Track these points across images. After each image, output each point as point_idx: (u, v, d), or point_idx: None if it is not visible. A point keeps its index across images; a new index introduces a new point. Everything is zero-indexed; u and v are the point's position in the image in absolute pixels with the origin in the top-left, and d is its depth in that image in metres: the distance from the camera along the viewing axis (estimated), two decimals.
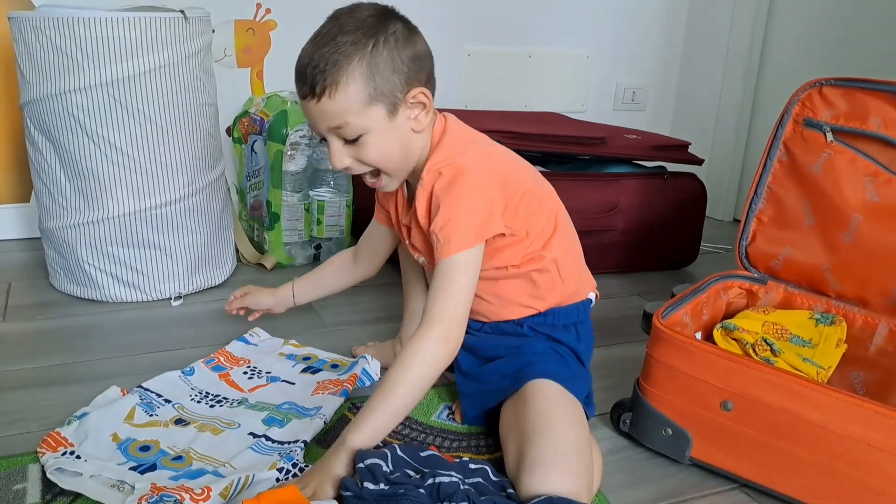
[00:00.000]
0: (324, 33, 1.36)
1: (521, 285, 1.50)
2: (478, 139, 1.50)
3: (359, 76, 1.31)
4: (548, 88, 3.24)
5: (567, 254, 1.53)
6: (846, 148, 1.58)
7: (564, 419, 1.29)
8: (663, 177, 2.47)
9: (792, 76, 2.90)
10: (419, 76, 1.37)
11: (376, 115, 1.34)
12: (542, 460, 1.19)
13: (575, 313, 1.54)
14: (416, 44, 1.38)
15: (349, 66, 1.31)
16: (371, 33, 1.33)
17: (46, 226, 2.08)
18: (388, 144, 1.38)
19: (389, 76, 1.33)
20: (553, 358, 1.45)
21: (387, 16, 1.37)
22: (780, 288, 1.69)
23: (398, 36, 1.34)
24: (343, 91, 1.31)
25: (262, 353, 1.77)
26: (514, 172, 1.47)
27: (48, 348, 1.79)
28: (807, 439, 1.24)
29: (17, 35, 1.93)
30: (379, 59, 1.32)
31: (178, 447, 1.36)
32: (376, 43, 1.32)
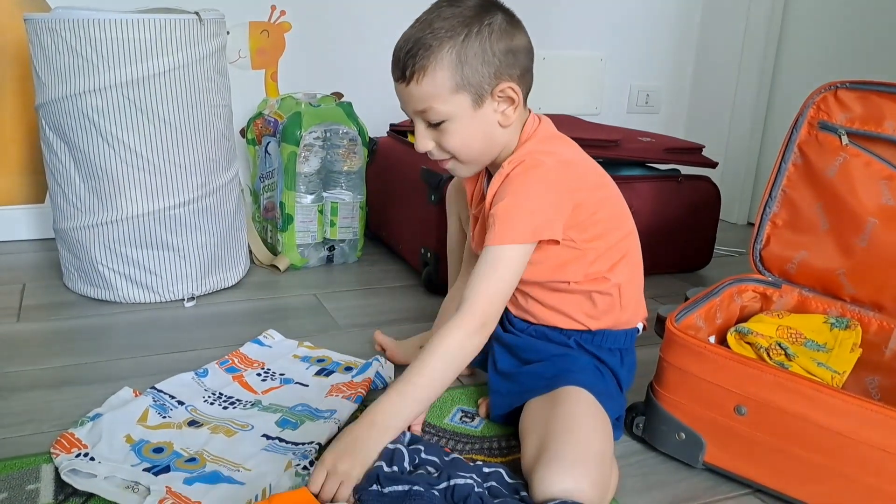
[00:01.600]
0: (423, 19, 1.36)
1: (579, 301, 1.48)
2: (566, 143, 1.49)
3: (447, 63, 1.32)
4: (562, 91, 3.23)
5: (632, 281, 1.52)
6: (861, 151, 1.57)
7: (592, 426, 1.29)
8: (677, 180, 2.47)
9: (807, 79, 2.89)
10: (511, 70, 1.36)
11: (461, 103, 1.34)
12: (563, 458, 1.19)
13: (623, 339, 1.52)
14: (515, 37, 1.37)
15: (440, 52, 1.31)
16: (467, 22, 1.32)
17: (60, 226, 2.09)
18: (470, 134, 1.38)
19: (479, 67, 1.33)
20: (592, 372, 1.45)
21: (489, 7, 1.36)
22: (795, 292, 1.68)
23: (495, 27, 1.34)
24: (430, 76, 1.32)
25: (277, 354, 1.77)
26: (594, 189, 1.46)
27: (61, 349, 1.80)
28: (821, 444, 1.23)
29: (33, 36, 1.94)
30: (470, 48, 1.32)
31: (191, 449, 1.36)
32: (469, 32, 1.32)
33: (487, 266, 1.33)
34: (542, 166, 1.37)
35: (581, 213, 1.40)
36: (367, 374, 1.65)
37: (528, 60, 1.41)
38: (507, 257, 1.33)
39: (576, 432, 1.25)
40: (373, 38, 2.82)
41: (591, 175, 1.48)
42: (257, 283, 2.27)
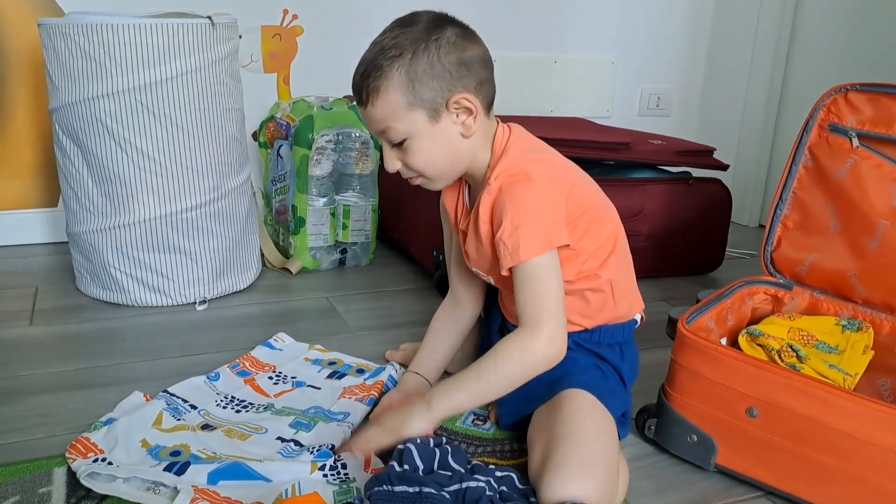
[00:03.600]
0: (376, 41, 1.39)
1: (572, 302, 1.46)
2: (543, 149, 1.50)
3: (398, 83, 1.33)
4: (573, 94, 3.24)
5: (623, 274, 1.51)
6: (872, 153, 1.57)
7: (594, 429, 1.29)
8: (688, 182, 2.47)
9: (817, 81, 2.88)
10: (465, 81, 1.37)
11: (418, 120, 1.36)
12: (566, 465, 1.19)
13: (621, 333, 1.52)
14: (467, 49, 1.38)
15: (390, 72, 1.33)
16: (416, 40, 1.34)
17: (73, 230, 2.10)
18: (433, 149, 1.39)
19: (429, 82, 1.34)
20: (593, 372, 1.45)
21: (440, 22, 1.39)
22: (806, 294, 1.68)
23: (443, 42, 1.35)
24: (384, 97, 1.34)
25: (288, 358, 1.77)
26: (579, 186, 1.46)
27: (74, 352, 1.81)
28: (833, 447, 1.23)
29: (47, 41, 1.95)
30: (418, 65, 1.33)
31: (208, 451, 1.37)
32: (417, 50, 1.33)
33: (527, 280, 1.33)
34: (532, 178, 1.37)
35: (571, 214, 1.40)
36: (379, 377, 1.65)
37: (485, 70, 1.43)
38: (538, 266, 1.33)
39: (578, 437, 1.25)
40: None
41: (572, 174, 1.48)
42: (269, 287, 2.27)
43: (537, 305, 1.32)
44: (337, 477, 1.31)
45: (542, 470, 1.21)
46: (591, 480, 1.17)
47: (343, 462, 1.34)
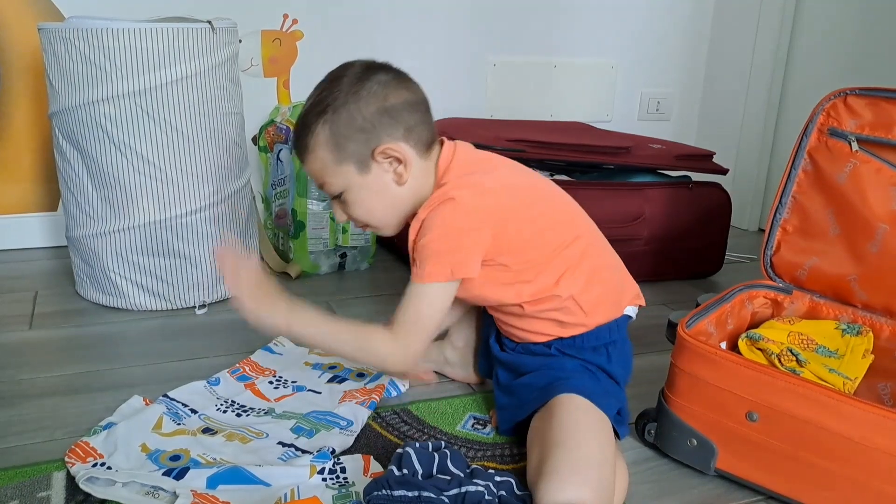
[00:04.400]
0: (308, 97, 1.43)
1: (542, 323, 1.48)
2: (487, 169, 1.48)
3: (323, 139, 1.38)
4: (573, 98, 3.24)
5: (590, 286, 1.47)
6: (871, 157, 1.57)
7: (587, 432, 1.29)
8: (688, 186, 2.47)
9: (816, 86, 2.88)
10: (391, 130, 1.38)
11: (348, 173, 1.40)
12: (559, 471, 1.20)
13: (607, 334, 1.50)
14: (390, 97, 1.38)
15: (315, 129, 1.38)
16: (338, 94, 1.37)
17: (73, 234, 2.10)
18: (369, 200, 1.43)
19: (352, 135, 1.37)
20: (583, 374, 1.44)
21: (366, 73, 1.40)
22: (806, 298, 1.68)
23: (364, 93, 1.37)
24: (313, 154, 1.40)
25: (288, 362, 1.77)
26: (523, 208, 1.44)
27: (73, 356, 1.81)
28: (833, 451, 1.23)
29: (47, 46, 1.95)
30: (340, 120, 1.36)
31: (208, 455, 1.37)
32: (338, 105, 1.36)
33: (414, 300, 1.39)
34: (454, 203, 1.37)
35: (505, 238, 1.39)
36: (380, 381, 1.65)
37: (414, 114, 1.41)
38: (430, 294, 1.38)
39: (571, 442, 1.25)
40: (384, 45, 2.83)
41: (521, 193, 1.47)
42: None
43: (414, 320, 1.38)
44: (336, 481, 1.31)
45: (537, 476, 1.22)
46: (585, 485, 1.18)
47: (342, 466, 1.34)
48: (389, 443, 1.46)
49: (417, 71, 2.88)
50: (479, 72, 3.04)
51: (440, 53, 2.94)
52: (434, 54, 2.93)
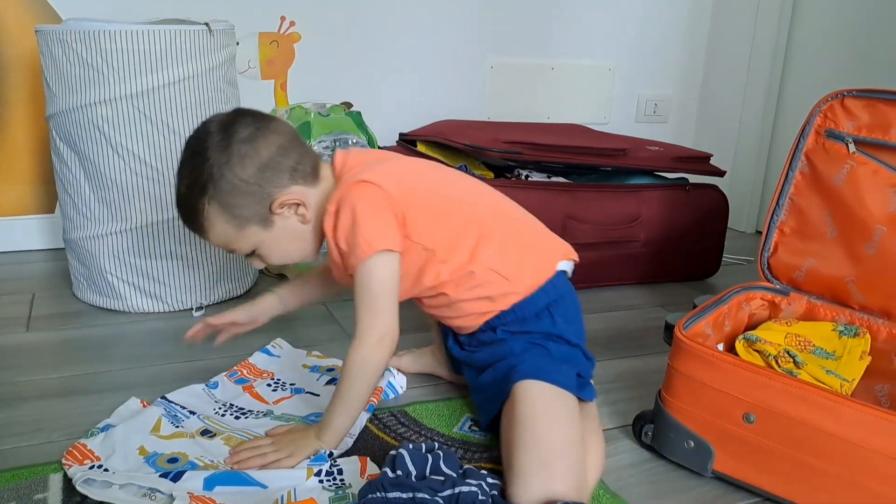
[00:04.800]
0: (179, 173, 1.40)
1: (476, 304, 1.47)
2: (382, 158, 1.51)
3: (217, 216, 1.37)
4: (570, 100, 3.24)
5: (504, 253, 1.46)
6: (868, 159, 1.57)
7: (546, 421, 1.29)
8: (685, 188, 2.47)
9: (814, 87, 2.89)
10: (276, 181, 1.38)
11: (253, 233, 1.39)
12: (524, 471, 1.22)
13: (544, 297, 1.47)
14: (261, 150, 1.36)
15: (204, 209, 1.36)
16: (211, 167, 1.34)
17: (70, 236, 2.10)
18: (282, 245, 1.43)
19: (243, 201, 1.36)
20: (531, 353, 1.43)
21: (227, 135, 1.36)
22: (803, 299, 1.68)
23: (235, 158, 1.34)
24: (212, 230, 1.39)
25: (286, 364, 1.77)
26: (415, 192, 1.44)
27: (70, 358, 1.80)
28: (830, 452, 1.23)
29: (44, 48, 1.95)
30: (224, 192, 1.35)
31: (206, 458, 1.37)
32: (215, 179, 1.34)
33: (362, 291, 1.37)
34: (362, 184, 1.37)
35: (412, 214, 1.40)
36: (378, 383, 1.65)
37: (291, 154, 1.40)
38: (373, 270, 1.36)
39: (530, 440, 1.26)
40: (382, 47, 2.83)
41: (408, 178, 1.47)
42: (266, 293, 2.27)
43: (367, 314, 1.37)
44: (333, 483, 1.31)
45: (508, 477, 1.24)
46: (551, 479, 1.20)
47: (339, 468, 1.34)
48: (386, 444, 1.46)
49: (415, 73, 2.89)
50: (477, 74, 3.04)
51: (437, 55, 2.95)
52: (431, 56, 2.93)
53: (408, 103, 2.92)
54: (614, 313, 2.22)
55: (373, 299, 1.36)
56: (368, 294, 1.36)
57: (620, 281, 2.45)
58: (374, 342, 1.36)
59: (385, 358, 1.38)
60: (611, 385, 1.75)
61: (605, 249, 2.36)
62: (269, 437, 1.42)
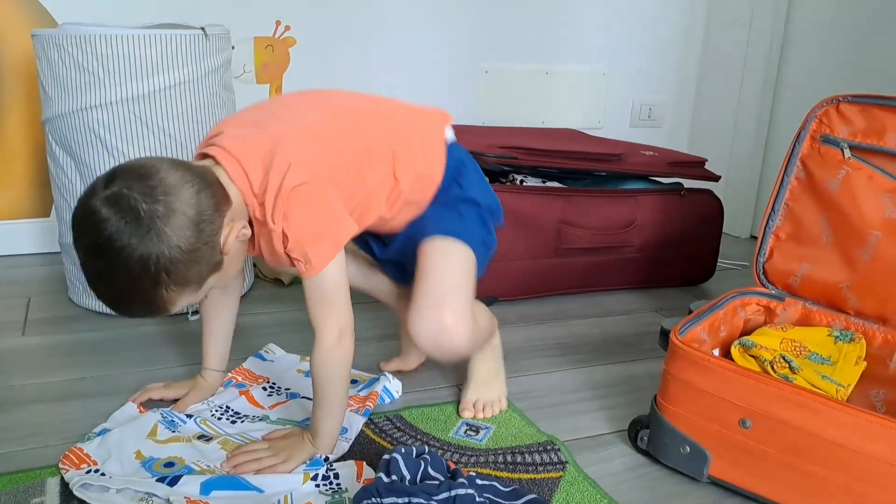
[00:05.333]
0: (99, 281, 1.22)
1: (408, 211, 1.52)
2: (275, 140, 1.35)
3: (177, 295, 1.24)
4: (565, 105, 3.25)
5: (413, 157, 1.49)
6: (864, 164, 1.58)
7: (443, 266, 1.43)
8: (680, 193, 2.47)
9: (809, 93, 2.89)
10: (213, 226, 1.25)
11: (212, 280, 1.29)
12: (419, 304, 1.39)
13: (450, 171, 1.53)
14: (186, 211, 1.20)
15: (161, 299, 1.23)
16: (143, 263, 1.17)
17: (66, 240, 2.10)
18: (228, 274, 1.34)
19: (198, 266, 1.24)
20: (442, 213, 1.50)
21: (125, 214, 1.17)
22: (799, 305, 1.68)
23: (170, 232, 1.18)
24: (175, 306, 1.26)
25: (281, 369, 1.77)
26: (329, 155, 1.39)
27: (66, 362, 1.80)
28: (826, 458, 1.23)
29: (40, 52, 1.95)
30: (179, 272, 1.21)
31: (202, 463, 1.37)
32: (163, 264, 1.19)
33: (316, 293, 1.35)
34: (293, 190, 1.29)
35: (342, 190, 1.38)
36: (373, 388, 1.65)
37: (206, 193, 1.24)
38: (326, 277, 1.33)
39: (430, 278, 1.41)
40: (376, 51, 2.83)
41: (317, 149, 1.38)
42: (261, 297, 2.27)
43: (324, 316, 1.36)
44: (329, 487, 1.31)
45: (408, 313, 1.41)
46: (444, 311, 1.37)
47: (335, 472, 1.34)
48: (382, 449, 1.46)
49: (409, 77, 2.89)
50: (471, 79, 3.05)
51: (432, 60, 2.95)
52: (426, 61, 2.94)
53: None
54: (609, 318, 2.22)
55: (328, 301, 1.36)
56: (324, 296, 1.35)
57: (615, 286, 2.45)
58: (335, 339, 1.36)
59: (348, 351, 1.39)
60: (606, 390, 1.76)
61: (599, 254, 2.37)
62: (265, 442, 1.43)
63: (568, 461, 1.44)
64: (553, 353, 1.96)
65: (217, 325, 1.62)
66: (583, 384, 1.79)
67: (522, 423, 1.58)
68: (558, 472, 1.41)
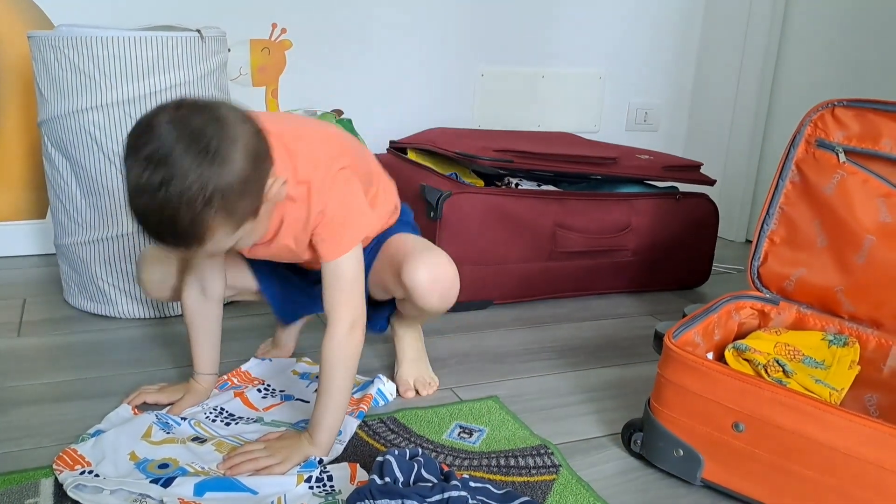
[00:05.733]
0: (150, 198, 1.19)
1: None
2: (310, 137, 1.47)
3: (219, 226, 1.22)
4: (560, 108, 3.25)
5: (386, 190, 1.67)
6: (858, 169, 1.58)
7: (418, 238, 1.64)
8: (675, 197, 2.47)
9: (804, 97, 2.90)
10: (266, 164, 1.27)
11: (242, 229, 1.27)
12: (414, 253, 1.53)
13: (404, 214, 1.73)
14: (240, 136, 1.22)
15: (205, 225, 1.20)
16: (202, 182, 1.16)
17: (61, 242, 2.10)
18: (254, 234, 1.35)
19: (245, 200, 1.24)
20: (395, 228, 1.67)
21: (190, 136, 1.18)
22: (793, 309, 1.68)
23: (226, 156, 1.19)
24: (210, 241, 1.24)
25: (276, 371, 1.78)
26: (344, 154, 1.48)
27: (61, 364, 1.80)
28: (819, 462, 1.23)
29: (36, 54, 1.95)
30: (231, 197, 1.20)
31: (196, 464, 1.37)
32: (217, 189, 1.17)
33: (334, 280, 1.41)
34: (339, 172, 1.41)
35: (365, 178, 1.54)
36: (368, 390, 1.65)
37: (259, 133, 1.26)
38: (346, 266, 1.41)
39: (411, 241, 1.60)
40: (372, 55, 2.83)
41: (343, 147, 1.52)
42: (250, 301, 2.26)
43: (340, 302, 1.42)
44: (323, 489, 1.31)
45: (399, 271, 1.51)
46: (436, 254, 1.54)
47: (329, 474, 1.34)
48: (376, 451, 1.46)
49: (405, 81, 2.89)
50: (467, 82, 3.05)
51: (428, 63, 2.95)
52: (422, 64, 2.94)
53: (398, 111, 2.92)
54: (604, 322, 2.22)
55: (347, 289, 1.42)
56: (345, 284, 1.41)
57: (610, 289, 2.45)
58: (348, 328, 1.40)
59: (358, 342, 1.43)
60: (600, 393, 1.76)
61: (594, 258, 2.37)
62: (261, 443, 1.43)
63: (561, 464, 1.44)
64: (547, 356, 1.96)
65: (204, 330, 1.64)
66: (577, 387, 1.79)
67: (516, 426, 1.58)
68: (551, 476, 1.41)
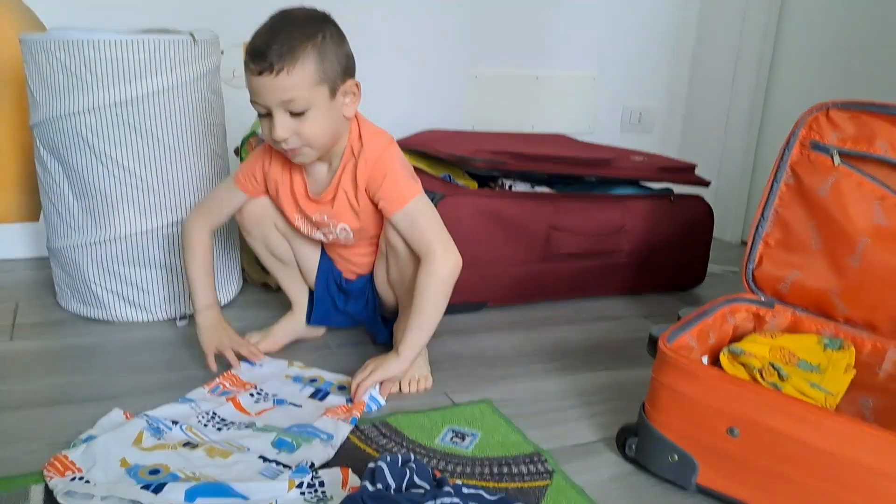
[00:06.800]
0: (278, 22, 1.55)
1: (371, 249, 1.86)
2: None
3: (312, 59, 1.52)
4: (555, 110, 3.24)
5: None
6: (853, 171, 1.58)
7: None
8: (670, 199, 2.47)
9: (799, 99, 2.90)
10: (351, 70, 1.62)
11: (321, 94, 1.55)
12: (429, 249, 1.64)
13: None
14: (346, 45, 1.61)
15: (305, 48, 1.51)
16: (318, 27, 1.55)
17: (54, 245, 2.09)
18: (326, 122, 1.58)
19: (334, 64, 1.55)
20: None
21: (325, 18, 1.60)
22: (788, 312, 1.68)
23: (336, 35, 1.58)
24: (300, 68, 1.51)
25: (268, 375, 1.77)
26: None
27: (54, 368, 1.79)
28: (814, 466, 1.23)
29: (28, 57, 1.94)
30: (327, 48, 1.54)
31: (187, 470, 1.36)
32: (324, 35, 1.54)
33: (408, 222, 1.65)
34: (391, 146, 1.69)
35: None
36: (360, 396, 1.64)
37: (355, 66, 1.64)
38: (416, 207, 1.65)
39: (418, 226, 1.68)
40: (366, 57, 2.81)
41: None
42: (250, 302, 2.26)
43: (425, 233, 1.64)
44: (314, 495, 1.30)
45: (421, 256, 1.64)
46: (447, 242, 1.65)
47: (321, 479, 1.34)
48: (368, 456, 1.45)
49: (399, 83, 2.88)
50: (461, 83, 3.04)
51: (422, 65, 2.95)
52: (416, 66, 2.93)
53: (392, 113, 2.91)
54: (598, 324, 2.22)
55: (424, 224, 1.64)
56: (431, 218, 1.66)
57: (604, 292, 2.45)
58: (442, 251, 1.62)
59: (455, 263, 1.64)
60: (594, 397, 1.75)
61: (588, 260, 2.36)
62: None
63: (554, 470, 1.44)
64: (541, 359, 1.95)
65: (206, 261, 1.84)
66: (571, 391, 1.78)
67: (509, 430, 1.58)
68: (545, 481, 1.40)
